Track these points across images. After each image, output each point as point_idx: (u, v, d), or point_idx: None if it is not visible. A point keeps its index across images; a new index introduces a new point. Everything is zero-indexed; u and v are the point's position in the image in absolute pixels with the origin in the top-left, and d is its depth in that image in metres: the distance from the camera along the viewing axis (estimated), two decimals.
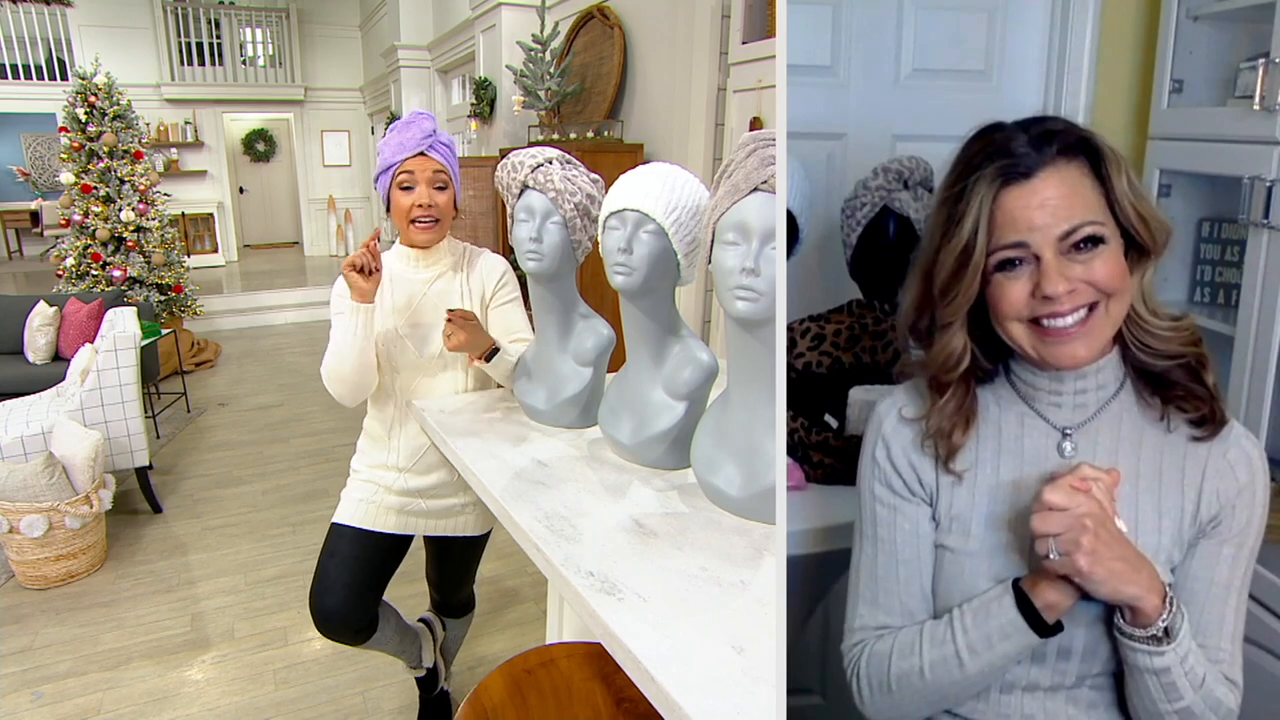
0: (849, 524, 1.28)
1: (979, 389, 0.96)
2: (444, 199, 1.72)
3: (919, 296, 0.94)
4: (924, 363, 0.96)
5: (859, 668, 0.99)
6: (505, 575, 3.15)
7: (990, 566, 0.94)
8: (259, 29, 11.54)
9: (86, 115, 6.09)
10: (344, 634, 1.81)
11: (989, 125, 0.90)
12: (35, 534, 2.92)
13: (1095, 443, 0.92)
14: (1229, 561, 0.90)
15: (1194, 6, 1.66)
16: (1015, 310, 0.86)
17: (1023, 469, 0.94)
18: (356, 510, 1.83)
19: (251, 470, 4.26)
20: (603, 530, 1.12)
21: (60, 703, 2.40)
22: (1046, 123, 0.87)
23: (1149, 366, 0.90)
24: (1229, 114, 1.57)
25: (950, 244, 0.87)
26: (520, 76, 4.87)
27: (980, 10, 1.73)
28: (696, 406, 1.30)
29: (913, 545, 0.98)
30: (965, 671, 0.92)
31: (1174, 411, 0.91)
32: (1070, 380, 0.92)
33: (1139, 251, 0.87)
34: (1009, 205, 0.84)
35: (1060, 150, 0.84)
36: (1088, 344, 0.86)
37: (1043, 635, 0.88)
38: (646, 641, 0.87)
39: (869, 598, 1.01)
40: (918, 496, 0.99)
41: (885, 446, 1.00)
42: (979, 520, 0.95)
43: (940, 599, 0.98)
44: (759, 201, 1.00)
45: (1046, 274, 0.83)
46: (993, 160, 0.85)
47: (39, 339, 4.71)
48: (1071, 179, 0.84)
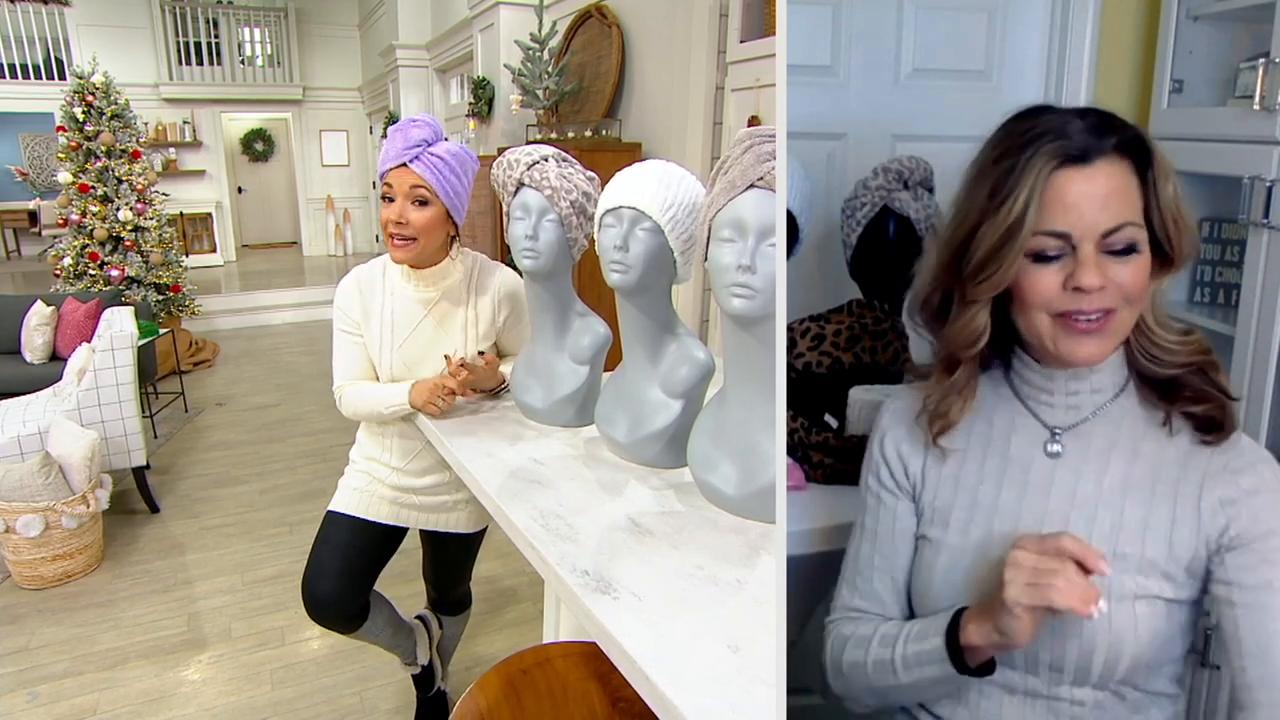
0: (848, 524, 1.28)
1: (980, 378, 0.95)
2: (421, 217, 1.60)
3: (941, 272, 0.91)
4: (943, 338, 0.94)
5: (828, 644, 1.04)
6: (503, 575, 3.15)
7: (965, 560, 0.94)
8: (257, 28, 11.53)
9: (84, 115, 6.08)
10: (335, 620, 1.83)
11: (1036, 105, 0.86)
12: (32, 534, 2.91)
13: (1087, 445, 0.91)
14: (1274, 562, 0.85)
15: (1194, 6, 1.66)
16: (1044, 300, 0.83)
17: (1007, 465, 0.94)
18: (351, 499, 1.85)
19: (249, 470, 4.26)
20: (598, 529, 1.12)
21: (56, 703, 2.39)
22: (1100, 113, 0.84)
23: (1156, 375, 0.89)
24: (1229, 114, 1.57)
25: (995, 219, 0.83)
26: (518, 76, 4.86)
27: (980, 10, 1.73)
28: (693, 405, 1.30)
29: (890, 537, 1.02)
30: (899, 680, 0.93)
31: (1180, 414, 0.88)
32: (1061, 380, 0.91)
33: (1161, 263, 0.85)
34: (1062, 188, 0.81)
35: (1117, 144, 0.82)
36: (1102, 344, 0.84)
37: (963, 672, 0.87)
38: (641, 641, 0.86)
39: (850, 580, 1.05)
40: (902, 489, 1.01)
41: (881, 439, 1.03)
42: (959, 512, 0.96)
43: (917, 590, 1.00)
44: (755, 198, 0.99)
45: (1084, 266, 0.80)
46: (1048, 139, 0.81)
47: (36, 338, 4.70)
48: (1123, 175, 0.82)
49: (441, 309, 1.73)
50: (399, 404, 1.66)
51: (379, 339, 1.73)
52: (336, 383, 1.78)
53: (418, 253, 1.64)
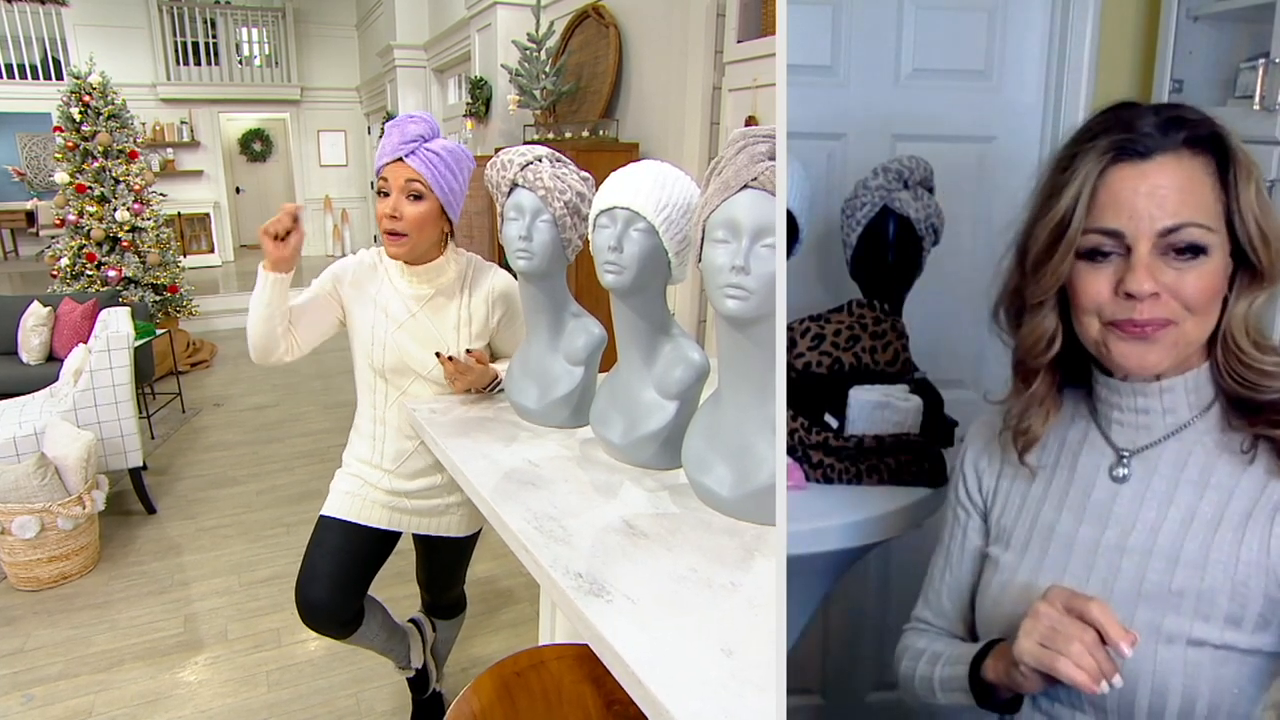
0: (848, 524, 1.28)
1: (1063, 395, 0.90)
2: (415, 211, 1.61)
3: (1014, 273, 0.87)
4: (1017, 343, 0.89)
5: (897, 648, 1.03)
6: (500, 576, 3.14)
7: (1019, 582, 0.90)
8: (255, 28, 11.52)
9: (81, 115, 6.08)
10: (328, 626, 1.82)
11: (1121, 101, 0.81)
12: (27, 535, 2.90)
13: (1153, 471, 0.84)
14: None
15: (1194, 6, 1.66)
16: (1094, 304, 0.79)
17: (1070, 487, 0.89)
18: (343, 503, 1.84)
19: (246, 471, 4.25)
20: (592, 531, 1.11)
21: (51, 705, 2.38)
22: (1181, 109, 0.79)
23: (1246, 399, 0.80)
24: (1229, 114, 1.56)
25: (1046, 216, 0.80)
26: (515, 76, 4.85)
27: (980, 10, 1.72)
28: (688, 406, 1.29)
29: (960, 553, 1.00)
30: (938, 700, 0.92)
31: (1264, 437, 0.79)
32: (1129, 395, 0.84)
33: (1250, 274, 0.78)
34: (1115, 184, 0.77)
35: (1188, 140, 0.76)
36: (1157, 353, 0.78)
37: (985, 706, 0.85)
38: (634, 644, 0.85)
39: (924, 592, 1.05)
40: (975, 506, 0.99)
41: (964, 454, 1.01)
42: (1020, 532, 0.92)
43: (980, 608, 0.96)
44: (749, 199, 0.98)
45: (1135, 269, 0.75)
46: (1110, 133, 0.78)
47: (33, 339, 4.69)
48: (1191, 173, 0.76)
49: (434, 305, 1.74)
50: (260, 281, 1.63)
51: (370, 324, 1.73)
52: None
53: (410, 248, 1.65)
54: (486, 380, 1.70)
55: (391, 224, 1.62)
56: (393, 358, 1.73)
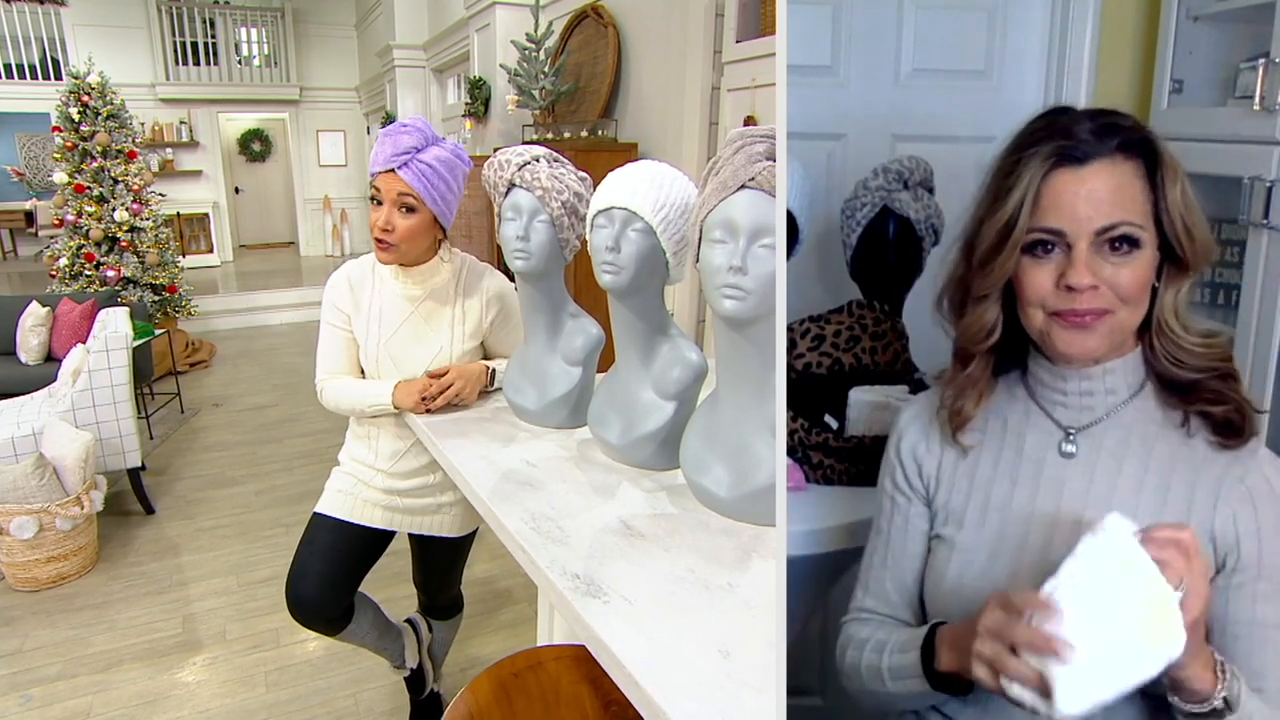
0: (848, 524, 1.28)
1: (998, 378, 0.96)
2: (407, 224, 1.62)
3: (959, 266, 0.94)
4: (958, 332, 0.95)
5: (838, 643, 1.04)
6: (499, 576, 3.14)
7: (978, 560, 0.94)
8: (254, 28, 11.51)
9: (79, 115, 6.08)
10: (317, 622, 1.83)
11: (1056, 107, 0.88)
12: (26, 536, 2.90)
13: (1099, 446, 0.90)
14: (1267, 598, 0.84)
15: (1194, 6, 1.65)
16: (1038, 296, 0.85)
17: (1020, 464, 0.94)
18: (336, 501, 1.85)
19: (245, 471, 4.24)
20: (590, 532, 1.11)
21: (50, 705, 2.38)
22: (1114, 116, 0.85)
23: (1176, 377, 0.88)
24: (1229, 114, 1.56)
25: (994, 217, 0.86)
26: (514, 76, 4.85)
27: (980, 10, 1.72)
28: (686, 406, 1.29)
29: (902, 540, 1.02)
30: (887, 689, 0.93)
31: (1197, 414, 0.88)
32: (1074, 379, 0.90)
33: (1176, 265, 0.86)
34: (1056, 188, 0.83)
35: (1120, 145, 0.83)
36: (1095, 340, 0.85)
37: (939, 689, 0.86)
38: (631, 645, 0.85)
39: (864, 581, 1.06)
40: (915, 492, 1.02)
41: (898, 441, 1.04)
42: (973, 511, 0.96)
43: (929, 592, 0.99)
44: (746, 199, 0.98)
45: (1075, 264, 0.82)
46: (1051, 139, 0.84)
47: (31, 339, 4.68)
48: (1123, 176, 0.83)
49: (428, 307, 1.74)
50: (381, 403, 1.68)
51: (365, 332, 1.75)
52: (319, 375, 1.81)
53: (399, 257, 1.67)
54: (474, 380, 1.69)
55: (383, 235, 1.64)
56: (387, 360, 1.73)
